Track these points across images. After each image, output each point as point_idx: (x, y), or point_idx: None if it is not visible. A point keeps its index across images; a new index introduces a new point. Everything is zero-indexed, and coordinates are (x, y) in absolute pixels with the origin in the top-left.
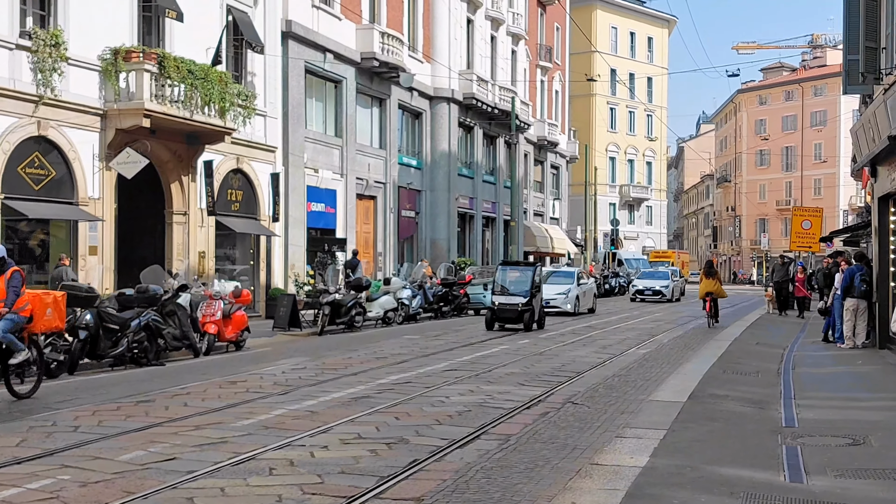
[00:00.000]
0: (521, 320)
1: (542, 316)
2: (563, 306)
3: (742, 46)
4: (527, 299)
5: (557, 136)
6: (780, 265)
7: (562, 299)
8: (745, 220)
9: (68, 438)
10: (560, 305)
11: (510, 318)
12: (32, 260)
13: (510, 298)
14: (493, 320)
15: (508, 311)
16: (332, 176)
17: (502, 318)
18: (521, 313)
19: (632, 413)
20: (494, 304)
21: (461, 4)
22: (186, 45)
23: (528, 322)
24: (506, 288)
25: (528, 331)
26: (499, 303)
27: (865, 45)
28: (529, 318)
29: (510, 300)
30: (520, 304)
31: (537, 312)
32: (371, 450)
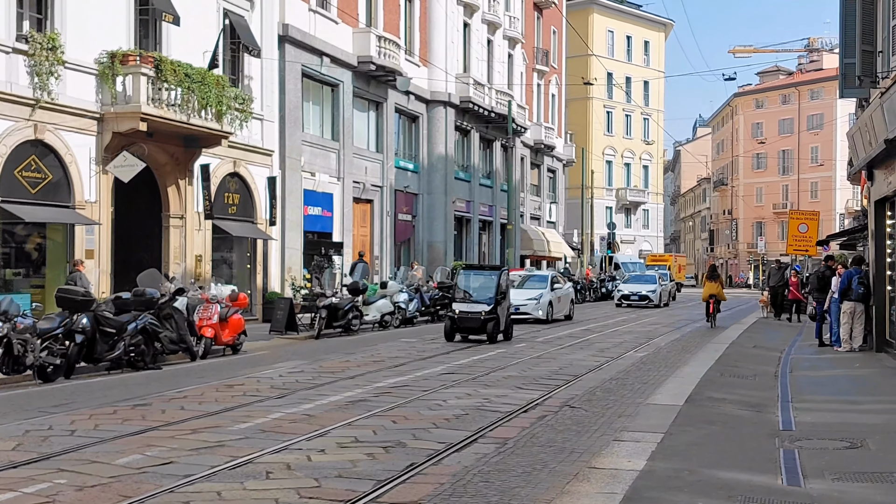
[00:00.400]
0: (485, 330)
1: (508, 325)
2: (534, 313)
3: (739, 50)
4: (491, 307)
5: (554, 139)
6: (776, 269)
7: (533, 305)
8: (741, 223)
9: (65, 442)
10: (531, 312)
11: (472, 329)
12: (29, 264)
13: (472, 306)
14: (453, 331)
15: (470, 321)
16: (329, 179)
17: (464, 328)
18: (484, 322)
19: (629, 416)
20: (455, 313)
21: (458, 8)
22: (183, 49)
23: (493, 332)
24: (468, 294)
25: (493, 342)
26: (459, 311)
27: (862, 48)
28: (494, 327)
29: (472, 308)
30: (483, 313)
31: (503, 322)
32: (368, 453)
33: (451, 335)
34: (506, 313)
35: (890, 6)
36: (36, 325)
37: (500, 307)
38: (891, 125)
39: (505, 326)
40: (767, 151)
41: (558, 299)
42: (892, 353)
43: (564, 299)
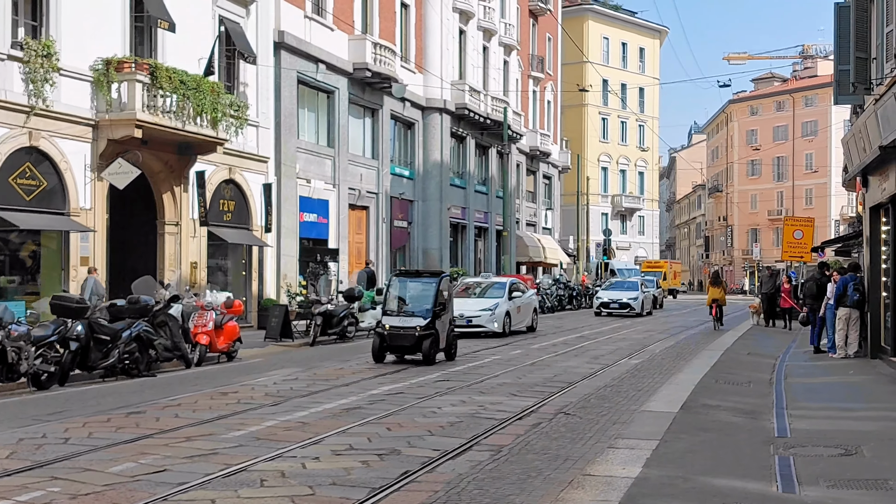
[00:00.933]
0: (420, 349)
1: (452, 342)
2: (488, 326)
3: (733, 57)
4: (428, 321)
5: (549, 146)
6: (769, 276)
7: (487, 316)
8: (736, 229)
9: (58, 450)
10: (485, 324)
11: (405, 347)
12: (24, 271)
13: (406, 320)
14: (382, 350)
15: (403, 337)
16: (325, 186)
17: (395, 346)
18: (419, 339)
19: (624, 423)
20: (384, 329)
21: (453, 15)
22: (178, 56)
23: (430, 351)
24: (402, 305)
25: (430, 363)
26: (390, 326)
27: (856, 55)
28: (431, 345)
29: (406, 322)
30: (418, 328)
31: (444, 338)
32: (363, 461)
33: (381, 355)
34: (447, 328)
35: (884, 13)
36: (30, 332)
37: (440, 321)
38: (885, 132)
39: (447, 343)
40: (762, 158)
41: (517, 309)
42: (887, 360)
43: (525, 309)
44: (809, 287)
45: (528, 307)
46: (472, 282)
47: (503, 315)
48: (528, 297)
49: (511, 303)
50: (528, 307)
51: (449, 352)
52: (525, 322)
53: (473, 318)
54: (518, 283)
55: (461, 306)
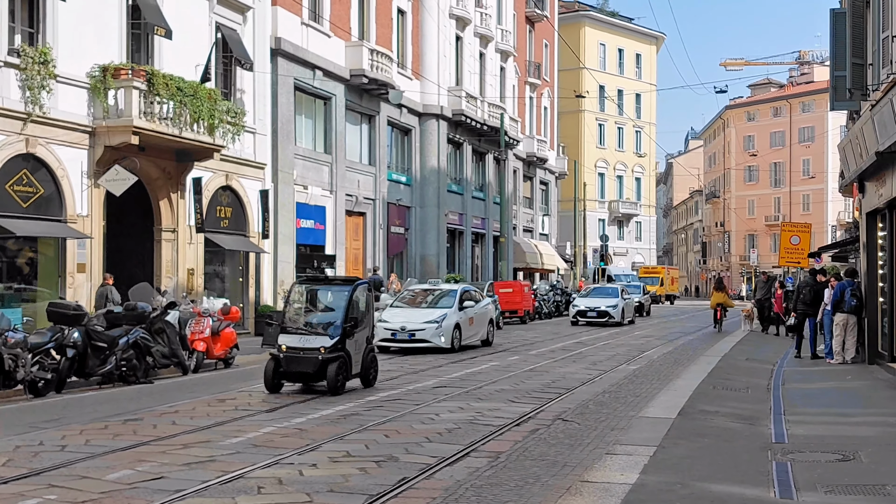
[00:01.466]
0: (323, 375)
1: (370, 365)
2: (434, 340)
3: (730, 63)
4: (335, 340)
5: (546, 152)
6: (763, 282)
7: (432, 330)
8: (734, 235)
9: (55, 458)
10: (430, 339)
11: (306, 374)
12: (21, 278)
13: (308, 339)
14: (277, 376)
15: (303, 361)
16: (322, 192)
17: (292, 372)
18: (323, 364)
19: (622, 430)
20: (280, 350)
21: (450, 22)
22: (175, 62)
23: (336, 378)
24: (305, 320)
25: (337, 393)
26: (287, 347)
27: (852, 61)
28: (339, 371)
29: (307, 342)
30: (322, 349)
31: (358, 361)
32: (360, 468)
33: (276, 384)
34: (364, 349)
35: (880, 19)
36: (27, 339)
37: (353, 340)
38: (881, 137)
39: (363, 367)
40: (759, 164)
41: (469, 321)
42: (885, 366)
43: (480, 320)
44: (807, 294)
45: (482, 318)
46: (418, 289)
47: (451, 328)
48: (483, 307)
49: (462, 314)
50: (483, 318)
51: (366, 377)
52: (479, 335)
53: (417, 332)
54: (471, 291)
55: (404, 318)
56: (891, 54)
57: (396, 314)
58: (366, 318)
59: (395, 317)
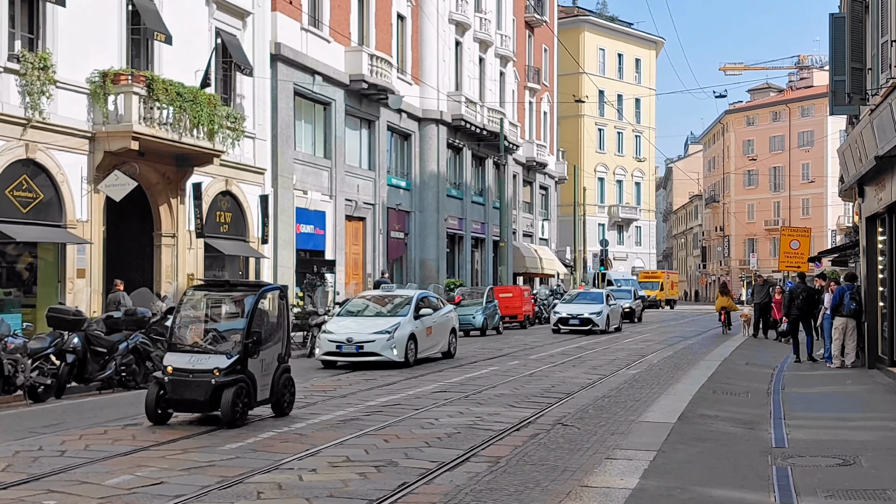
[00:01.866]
0: (218, 404)
1: (283, 389)
2: (385, 353)
3: (729, 67)
4: (233, 360)
5: (546, 156)
6: (760, 285)
7: (383, 342)
8: (733, 240)
9: (54, 463)
10: (380, 352)
11: (194, 402)
12: (20, 283)
13: (198, 360)
14: (161, 404)
15: (191, 387)
16: (322, 197)
17: (178, 399)
18: (217, 390)
19: (622, 434)
20: (166, 373)
21: (449, 27)
22: (175, 68)
23: (233, 408)
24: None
25: (234, 426)
26: (174, 368)
27: (851, 65)
28: (237, 398)
29: (199, 363)
30: (215, 372)
31: (269, 385)
32: (360, 473)
33: (161, 414)
34: (274, 370)
35: (878, 24)
36: (27, 344)
37: (258, 359)
38: (881, 142)
39: (274, 392)
40: (759, 168)
41: (427, 331)
42: (885, 370)
43: (440, 330)
44: (800, 299)
45: (442, 328)
46: (369, 295)
47: (405, 339)
48: (444, 316)
49: (418, 323)
50: (443, 328)
51: (279, 404)
52: (439, 346)
53: (366, 344)
54: (430, 298)
55: (351, 328)
56: (890, 59)
57: (343, 324)
58: (277, 333)
59: (342, 327)
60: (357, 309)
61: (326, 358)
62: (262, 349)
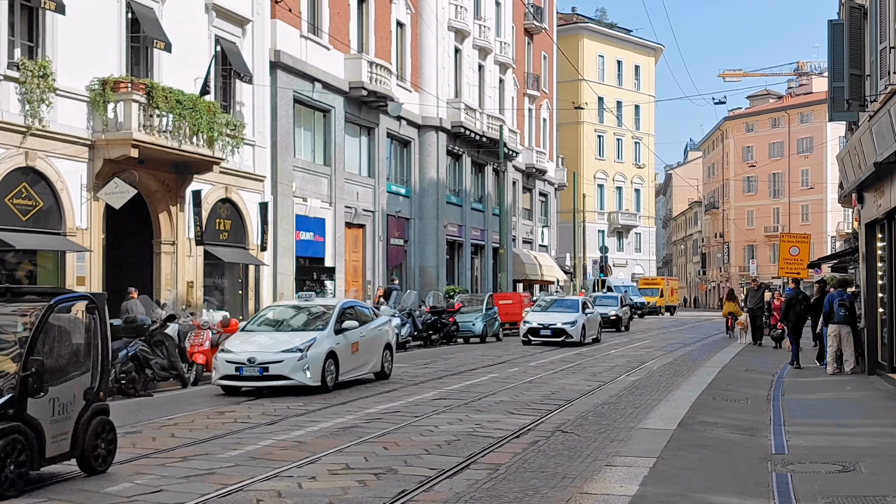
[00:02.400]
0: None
1: (93, 438)
2: (295, 376)
3: (728, 74)
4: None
5: (545, 163)
6: (755, 290)
7: (292, 362)
8: (733, 246)
9: (54, 470)
10: (290, 374)
11: None
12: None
13: None
14: None
15: None
16: (321, 204)
17: None
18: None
19: (621, 441)
20: None
21: (449, 34)
22: (175, 75)
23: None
24: None
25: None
26: None
27: (850, 72)
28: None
29: None
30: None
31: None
32: (359, 480)
33: None
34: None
35: (877, 30)
36: None
37: (45, 399)
38: (880, 148)
39: (78, 443)
40: (758, 175)
41: (352, 348)
42: (885, 376)
43: (369, 346)
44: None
45: (372, 343)
46: (283, 305)
47: (322, 358)
48: (375, 329)
49: (340, 338)
50: (374, 344)
51: (86, 459)
52: (369, 366)
53: (271, 365)
54: (358, 308)
55: (256, 346)
56: (888, 65)
57: (247, 341)
58: (81, 360)
59: (245, 344)
60: (267, 322)
61: (224, 383)
62: (55, 383)
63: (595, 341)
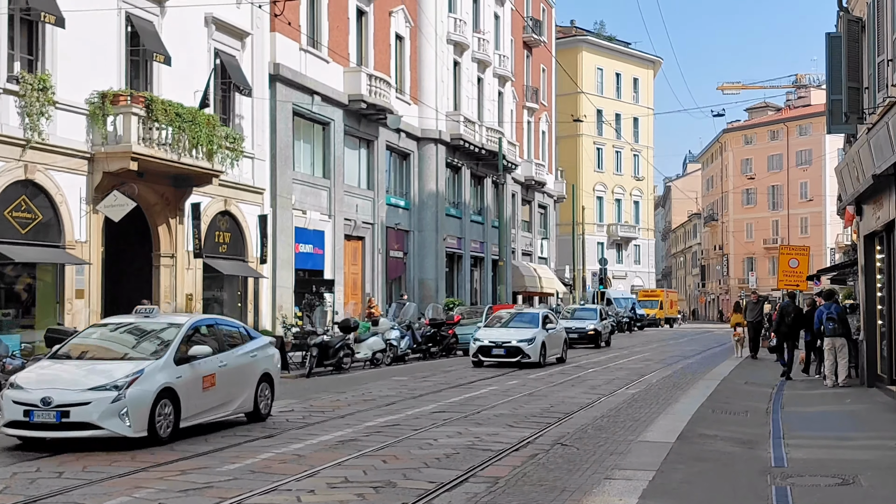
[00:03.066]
0: None
1: None
2: (107, 425)
3: (727, 87)
4: None
5: (545, 175)
6: (754, 302)
7: (102, 405)
8: (732, 258)
9: (52, 484)
10: (97, 422)
11: None
12: (19, 304)
13: None
14: None
15: None
16: (320, 217)
17: None
18: None
19: (621, 454)
20: None
21: (448, 47)
22: (174, 89)
23: None
24: None
25: None
26: None
27: (848, 85)
28: None
29: None
30: None
31: None
32: (358, 494)
33: None
34: None
35: (875, 43)
36: (25, 365)
37: None
38: (878, 160)
39: None
40: (757, 187)
41: (205, 382)
42: (884, 388)
43: (233, 379)
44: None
45: (240, 375)
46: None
47: (151, 398)
48: (246, 356)
49: (184, 369)
50: (243, 374)
51: None
52: (235, 404)
53: (74, 408)
54: (221, 326)
55: (57, 380)
56: (886, 78)
57: (47, 373)
58: None
59: (43, 378)
60: (83, 347)
61: (11, 432)
62: None
63: (559, 361)
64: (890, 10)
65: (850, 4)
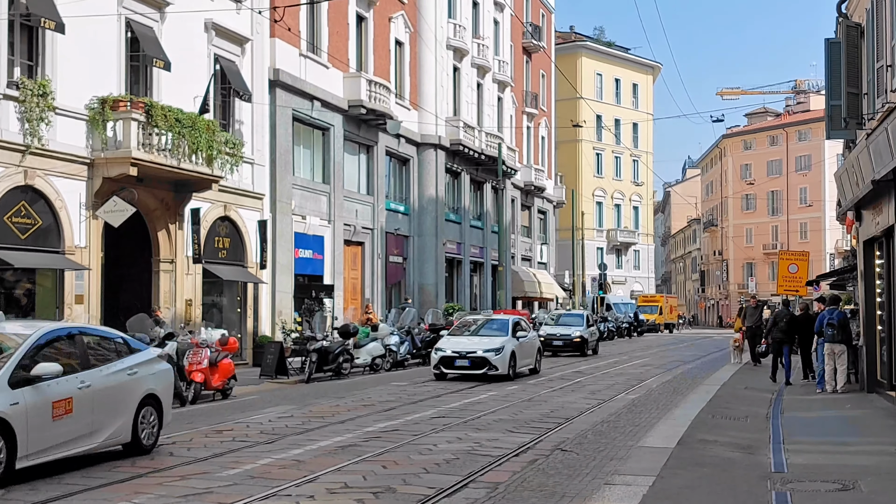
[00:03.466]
0: None
1: None
2: None
3: (726, 92)
4: None
5: (544, 181)
6: (753, 308)
7: None
8: (732, 264)
9: (51, 490)
10: None
11: None
12: (18, 309)
13: None
14: None
15: None
16: (320, 222)
17: None
18: None
19: (621, 459)
20: None
21: (447, 52)
22: (174, 94)
23: None
24: None
25: None
26: None
27: (847, 90)
28: None
29: None
30: None
31: None
32: (358, 499)
33: None
34: None
35: (874, 49)
36: None
37: None
38: (877, 166)
39: None
40: (756, 192)
41: (52, 409)
42: (884, 394)
43: (101, 403)
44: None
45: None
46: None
47: None
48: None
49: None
50: (117, 397)
51: None
52: (105, 433)
53: None
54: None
55: None
56: (885, 83)
57: None
58: None
59: None
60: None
61: None
62: None
63: (533, 372)
64: (889, 16)
65: (850, 10)
